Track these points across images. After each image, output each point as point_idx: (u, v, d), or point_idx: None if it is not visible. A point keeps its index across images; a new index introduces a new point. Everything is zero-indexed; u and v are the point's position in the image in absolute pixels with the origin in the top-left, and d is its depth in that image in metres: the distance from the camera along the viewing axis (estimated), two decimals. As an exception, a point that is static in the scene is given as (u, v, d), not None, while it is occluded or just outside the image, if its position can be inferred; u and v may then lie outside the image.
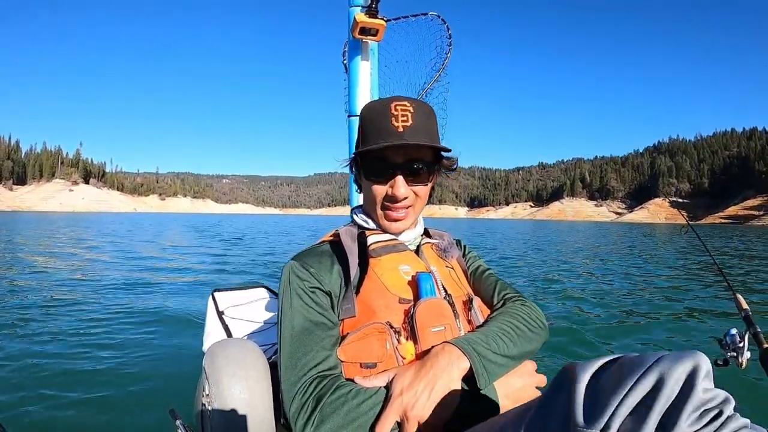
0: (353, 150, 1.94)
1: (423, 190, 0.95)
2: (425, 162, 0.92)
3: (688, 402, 0.40)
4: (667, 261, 12.05)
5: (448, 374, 0.74)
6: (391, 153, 0.89)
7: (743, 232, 41.90)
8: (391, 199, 0.92)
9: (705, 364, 0.42)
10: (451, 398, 0.73)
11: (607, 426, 0.43)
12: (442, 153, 0.96)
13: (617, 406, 0.43)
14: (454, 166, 1.01)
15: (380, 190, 0.92)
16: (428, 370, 0.74)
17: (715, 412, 0.41)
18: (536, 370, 0.90)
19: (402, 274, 0.91)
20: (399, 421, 0.71)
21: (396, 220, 0.95)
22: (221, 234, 22.14)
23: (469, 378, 0.77)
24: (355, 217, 1.05)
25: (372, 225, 0.99)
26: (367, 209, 1.01)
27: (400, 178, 0.90)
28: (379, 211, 0.95)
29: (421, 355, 0.82)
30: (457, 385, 0.75)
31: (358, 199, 1.89)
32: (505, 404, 0.80)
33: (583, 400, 0.45)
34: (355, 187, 1.05)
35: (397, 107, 0.89)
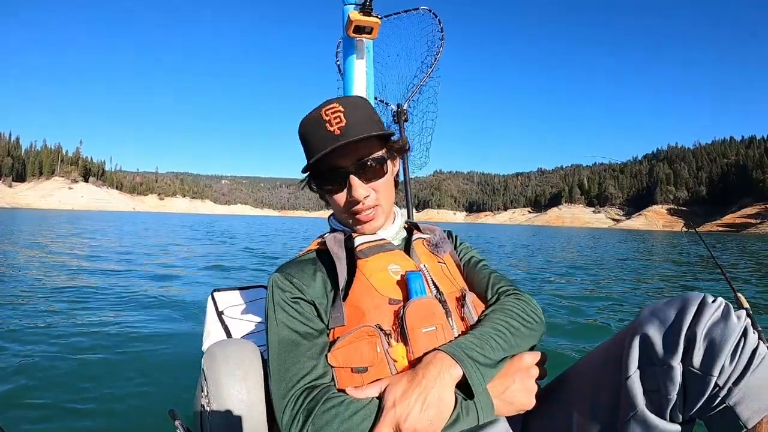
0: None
1: (382, 183, 0.93)
2: (374, 156, 0.91)
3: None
4: (666, 261, 12.04)
5: (440, 383, 0.72)
6: (338, 158, 0.88)
7: (738, 241, 41.97)
8: (353, 203, 0.90)
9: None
10: (445, 407, 0.72)
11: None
12: (390, 139, 0.95)
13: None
14: (407, 147, 0.99)
15: (340, 197, 0.91)
16: (420, 379, 0.73)
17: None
18: (541, 363, 0.87)
19: (391, 274, 0.90)
20: None
21: (366, 222, 0.93)
22: (217, 234, 22.17)
23: (462, 383, 0.76)
24: (332, 225, 1.03)
25: (348, 231, 0.99)
26: (338, 220, 1.00)
27: (354, 180, 0.89)
28: (349, 217, 0.94)
29: (413, 360, 0.81)
30: (450, 393, 0.73)
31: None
32: (499, 405, 0.79)
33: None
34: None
35: (327, 112, 0.88)
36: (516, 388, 0.81)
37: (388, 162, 0.95)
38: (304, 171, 0.94)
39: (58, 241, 13.27)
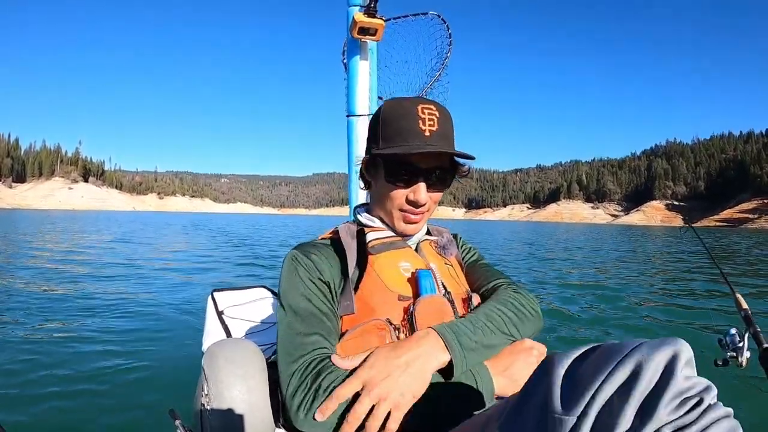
0: (352, 149, 1.94)
1: (439, 196, 0.95)
2: (446, 169, 0.92)
3: (667, 389, 0.40)
4: (665, 261, 12.04)
5: (424, 363, 0.73)
6: (417, 158, 0.87)
7: (735, 235, 42.00)
8: (411, 204, 0.91)
9: (686, 350, 0.42)
10: (421, 386, 0.72)
11: (584, 413, 0.42)
12: (458, 160, 0.95)
13: (595, 393, 0.42)
14: (466, 174, 1.00)
15: (400, 194, 0.91)
16: (406, 351, 0.73)
17: (696, 400, 0.41)
18: (540, 354, 0.87)
19: (401, 272, 0.91)
20: (373, 403, 0.69)
21: (412, 223, 0.94)
22: (217, 233, 22.26)
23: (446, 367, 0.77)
24: (358, 216, 1.03)
25: (377, 224, 0.98)
26: (376, 209, 0.99)
27: (422, 185, 0.89)
28: (397, 213, 0.93)
29: None
30: (429, 376, 0.74)
31: (357, 198, 1.76)
32: (503, 384, 0.80)
33: (561, 387, 0.45)
34: (355, 186, 1.00)
35: (424, 110, 0.87)
36: (520, 366, 0.82)
37: (451, 180, 0.98)
38: (370, 152, 0.94)
39: (57, 241, 13.24)
